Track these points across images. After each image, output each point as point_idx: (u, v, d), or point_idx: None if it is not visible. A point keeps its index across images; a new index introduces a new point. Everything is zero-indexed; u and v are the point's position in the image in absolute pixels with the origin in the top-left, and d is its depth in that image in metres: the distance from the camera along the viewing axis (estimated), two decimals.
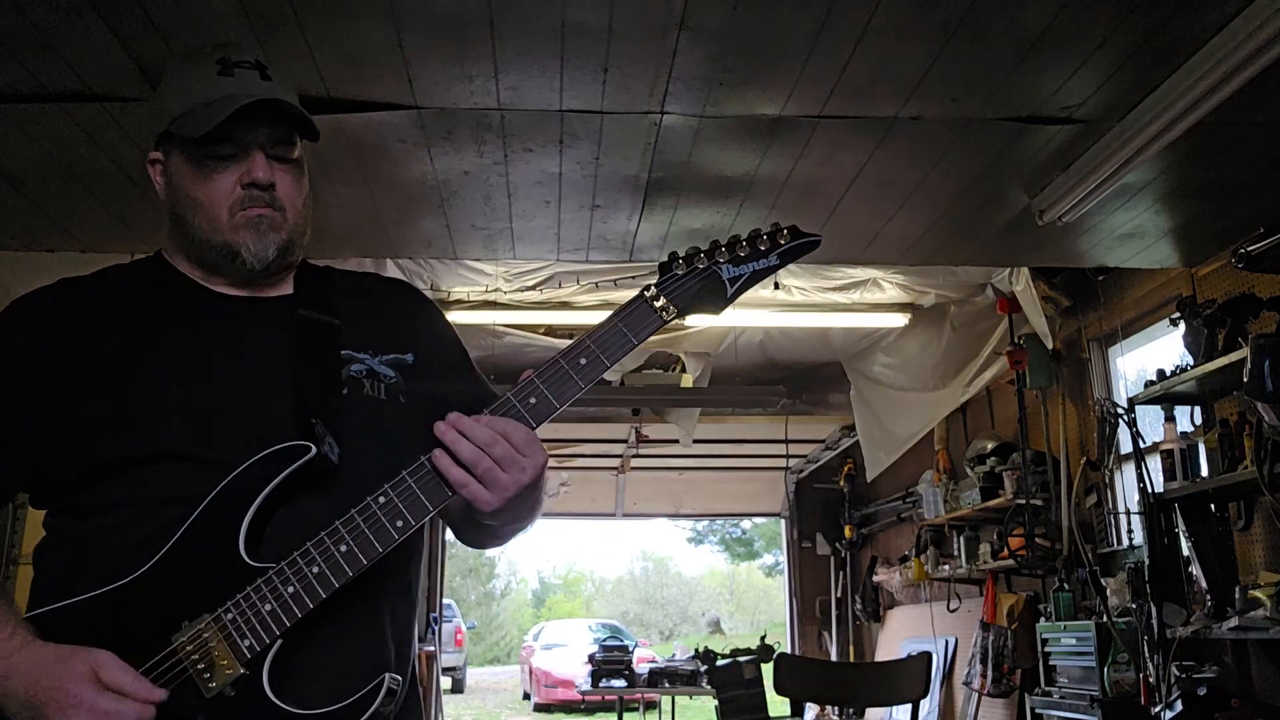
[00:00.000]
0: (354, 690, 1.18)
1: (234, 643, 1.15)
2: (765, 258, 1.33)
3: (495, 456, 1.19)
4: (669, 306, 1.29)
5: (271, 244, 1.33)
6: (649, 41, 2.64)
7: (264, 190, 1.32)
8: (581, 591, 34.02)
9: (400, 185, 3.52)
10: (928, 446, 6.88)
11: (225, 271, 1.36)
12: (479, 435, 1.19)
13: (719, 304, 1.32)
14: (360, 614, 1.26)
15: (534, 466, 1.21)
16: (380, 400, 1.36)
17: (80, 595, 1.17)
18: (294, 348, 1.33)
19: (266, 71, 1.35)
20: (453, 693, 15.28)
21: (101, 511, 1.24)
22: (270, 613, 1.16)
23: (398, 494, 1.21)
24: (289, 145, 1.35)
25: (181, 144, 1.32)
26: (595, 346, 1.27)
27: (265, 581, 1.17)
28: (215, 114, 1.28)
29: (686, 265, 1.31)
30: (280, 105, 1.32)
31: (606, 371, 1.27)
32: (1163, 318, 4.57)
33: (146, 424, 1.25)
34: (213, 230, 1.32)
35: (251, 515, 1.20)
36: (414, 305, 1.51)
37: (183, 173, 1.33)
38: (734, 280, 1.32)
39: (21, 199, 3.52)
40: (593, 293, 5.48)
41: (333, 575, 1.18)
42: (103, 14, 2.50)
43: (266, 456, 1.21)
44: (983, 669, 5.74)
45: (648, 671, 7.22)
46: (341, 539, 1.19)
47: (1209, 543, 4.03)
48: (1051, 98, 2.96)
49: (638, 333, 1.28)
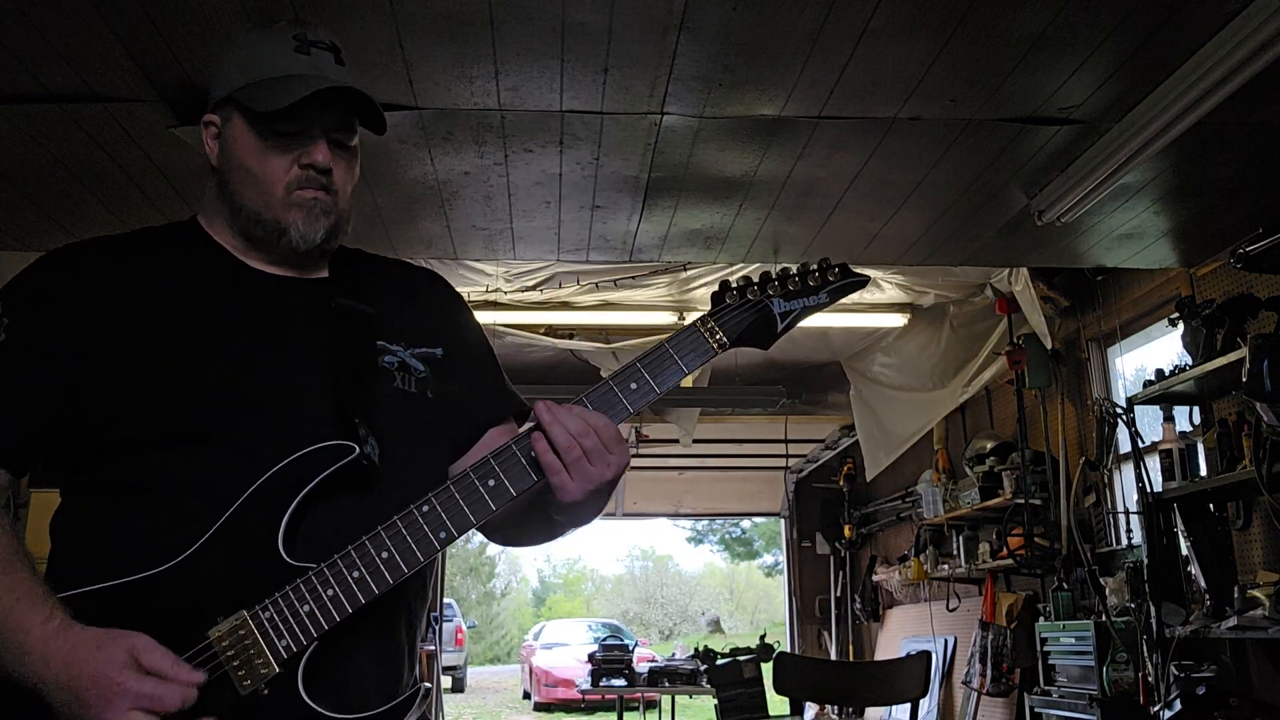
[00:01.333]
0: (390, 695, 1.19)
1: (271, 642, 1.14)
2: (815, 294, 1.32)
3: (586, 448, 1.19)
4: (723, 339, 1.29)
5: (321, 228, 1.31)
6: (649, 42, 2.65)
7: (322, 174, 1.30)
8: (582, 591, 34.04)
9: (401, 185, 3.53)
10: (927, 446, 6.89)
11: (266, 247, 1.34)
12: (573, 425, 1.19)
13: (769, 338, 1.31)
14: (386, 617, 1.26)
15: (618, 464, 1.22)
16: (410, 394, 1.34)
17: (111, 581, 1.16)
18: (332, 336, 1.31)
19: (341, 56, 1.34)
20: (453, 692, 15.28)
21: (129, 493, 1.21)
22: (309, 614, 1.15)
23: (441, 504, 1.20)
24: (350, 133, 1.34)
25: (246, 113, 1.30)
26: (646, 372, 1.26)
27: (305, 582, 1.16)
28: (289, 91, 1.26)
29: (740, 297, 1.30)
30: (351, 93, 1.30)
31: (655, 398, 1.27)
32: (1162, 318, 4.58)
33: (176, 402, 1.22)
34: (264, 205, 1.30)
35: (291, 513, 1.18)
36: (445, 298, 1.49)
37: (242, 142, 1.30)
38: (784, 315, 1.31)
39: (21, 199, 3.53)
40: (593, 293, 5.48)
41: (373, 581, 1.17)
42: (104, 14, 2.51)
43: (310, 454, 1.20)
44: (982, 668, 5.75)
45: (648, 671, 7.21)
46: (384, 545, 1.18)
47: (1208, 542, 4.04)
48: (1050, 98, 2.96)
49: (689, 361, 1.27)
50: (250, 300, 1.33)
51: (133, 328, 1.26)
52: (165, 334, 1.26)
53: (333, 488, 1.21)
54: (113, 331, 1.25)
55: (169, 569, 1.16)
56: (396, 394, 1.32)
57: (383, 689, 1.23)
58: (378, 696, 1.20)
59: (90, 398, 1.23)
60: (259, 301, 1.33)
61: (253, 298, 1.33)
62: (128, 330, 1.26)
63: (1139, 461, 4.15)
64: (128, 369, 1.23)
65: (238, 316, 1.31)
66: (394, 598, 1.23)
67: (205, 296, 1.31)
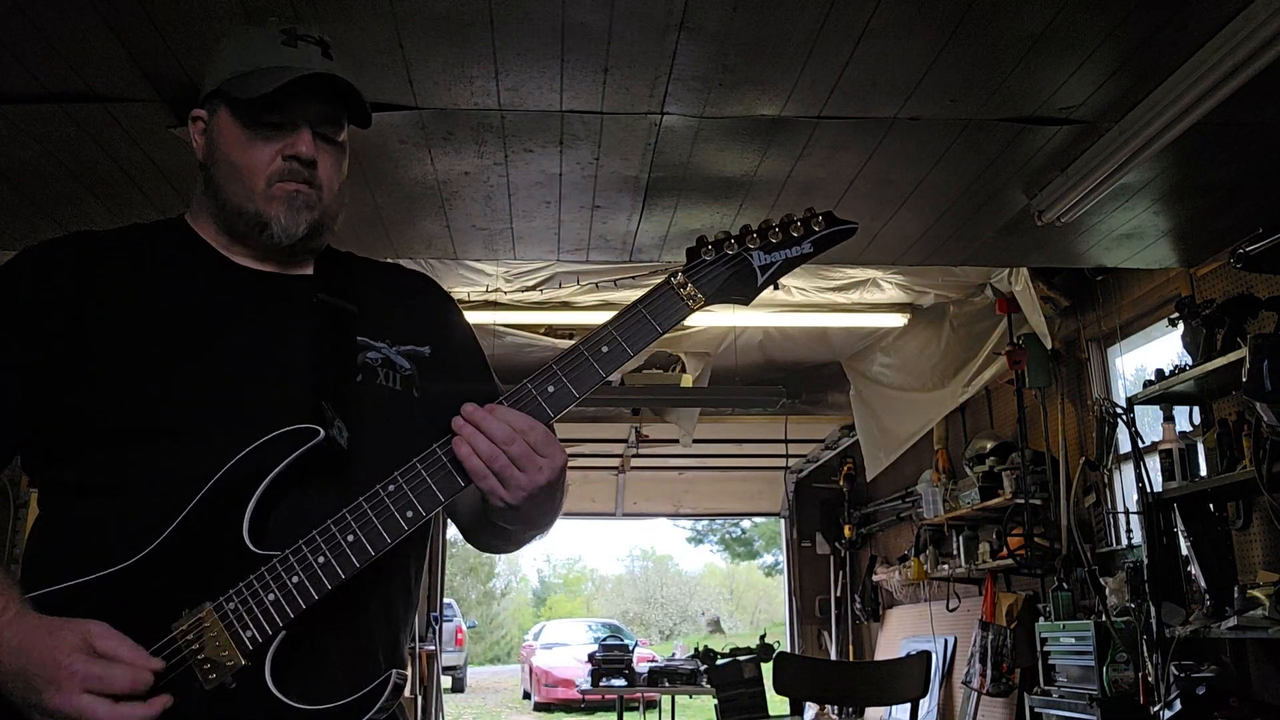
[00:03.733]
0: (359, 686, 1.15)
1: (235, 633, 1.12)
2: (799, 245, 1.26)
3: (512, 455, 1.14)
4: (696, 294, 1.23)
5: (303, 221, 1.30)
6: (649, 42, 2.65)
7: (305, 166, 1.28)
8: (582, 591, 34.02)
9: (401, 185, 3.53)
10: (927, 446, 6.89)
11: (249, 242, 1.33)
12: (496, 432, 1.14)
13: (749, 293, 1.25)
14: (361, 607, 1.23)
15: (551, 467, 1.17)
16: (394, 391, 1.32)
17: (77, 579, 1.14)
18: (310, 330, 1.30)
19: (329, 51, 1.33)
20: (453, 692, 15.27)
21: (99, 491, 1.20)
22: (274, 603, 1.13)
23: (408, 482, 1.16)
24: (337, 126, 1.33)
25: (231, 105, 1.29)
26: (618, 333, 1.21)
27: (269, 570, 1.13)
28: (271, 80, 1.25)
29: (715, 251, 1.24)
30: (336, 84, 1.29)
31: (629, 361, 1.22)
32: (1161, 318, 4.58)
33: (149, 396, 1.21)
34: (246, 198, 1.29)
35: (256, 500, 1.16)
36: (435, 299, 1.48)
37: (226, 134, 1.30)
38: (765, 268, 1.25)
39: (21, 199, 3.53)
40: (593, 293, 5.49)
41: (339, 566, 1.14)
42: (104, 14, 2.51)
43: (273, 439, 1.17)
44: (982, 668, 5.75)
45: (648, 671, 7.22)
46: (349, 528, 1.15)
47: (1208, 542, 4.04)
48: (1050, 98, 2.96)
49: (662, 321, 1.22)
50: (230, 295, 1.31)
51: (110, 321, 1.25)
52: (142, 328, 1.25)
53: (305, 476, 1.19)
54: (94, 324, 1.24)
55: (133, 564, 1.14)
56: (380, 390, 1.31)
57: (354, 679, 1.18)
58: (348, 686, 1.16)
59: (65, 390, 1.22)
60: (239, 296, 1.31)
61: (233, 293, 1.32)
62: (104, 323, 1.25)
63: (1139, 461, 4.15)
64: (104, 362, 1.22)
65: (217, 311, 1.29)
66: (368, 583, 1.20)
67: (185, 291, 1.30)
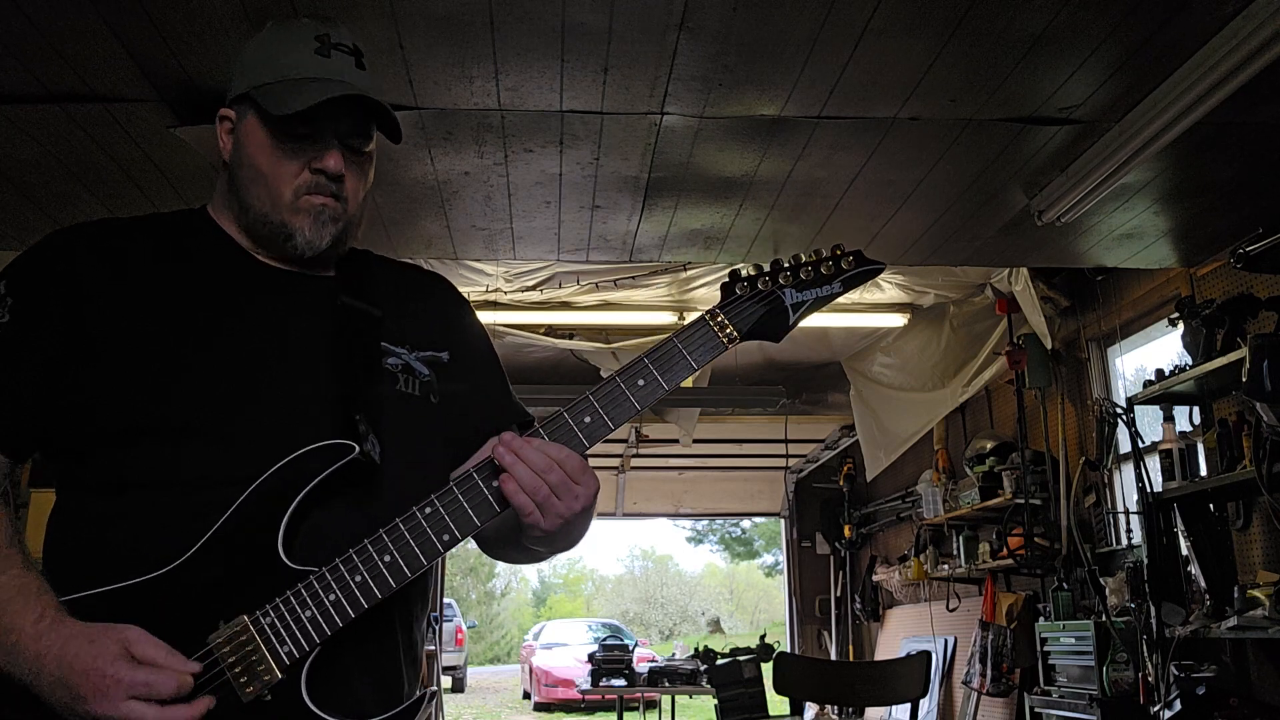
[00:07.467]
0: (393, 702, 1.19)
1: (273, 648, 1.13)
2: (829, 284, 1.27)
3: (551, 484, 1.17)
4: (732, 333, 1.25)
5: (328, 234, 1.30)
6: (649, 42, 2.65)
7: (332, 180, 1.28)
8: (582, 591, 34.04)
9: (401, 185, 3.53)
10: (927, 446, 6.89)
11: (272, 247, 1.32)
12: (536, 462, 1.16)
13: (780, 330, 1.26)
14: (388, 620, 1.25)
15: (586, 495, 1.19)
16: (413, 397, 1.32)
17: (109, 585, 1.14)
18: (335, 335, 1.29)
19: (362, 60, 1.32)
20: (453, 692, 15.29)
21: (125, 489, 1.19)
22: (311, 619, 1.14)
23: (445, 506, 1.18)
24: (365, 139, 1.32)
25: (261, 112, 1.28)
26: (654, 367, 1.22)
27: (306, 587, 1.14)
28: (305, 95, 1.24)
29: (749, 287, 1.26)
30: (368, 101, 1.28)
31: (663, 393, 1.23)
32: (1161, 318, 4.59)
33: (174, 391, 1.20)
34: (271, 206, 1.28)
35: (290, 515, 1.17)
36: (453, 303, 1.48)
37: (254, 140, 1.29)
38: (796, 306, 1.26)
39: (21, 199, 3.53)
40: (592, 293, 5.48)
41: (376, 585, 1.15)
42: (104, 14, 2.51)
43: (308, 454, 1.17)
44: (982, 668, 5.75)
45: (648, 671, 7.22)
46: (386, 548, 1.16)
47: (1208, 542, 4.04)
48: (1050, 98, 2.96)
49: (698, 357, 1.23)
50: (254, 293, 1.31)
51: (135, 313, 1.24)
52: (167, 321, 1.25)
53: (333, 488, 1.19)
54: (114, 315, 1.24)
55: (168, 573, 1.14)
56: (399, 396, 1.31)
57: (386, 694, 1.22)
58: (381, 702, 1.19)
59: (88, 382, 1.21)
60: (263, 295, 1.31)
61: (257, 291, 1.31)
62: (129, 315, 1.24)
63: (1139, 461, 4.15)
64: (127, 355, 1.22)
65: (241, 308, 1.29)
66: (397, 600, 1.21)
67: (209, 286, 1.30)
